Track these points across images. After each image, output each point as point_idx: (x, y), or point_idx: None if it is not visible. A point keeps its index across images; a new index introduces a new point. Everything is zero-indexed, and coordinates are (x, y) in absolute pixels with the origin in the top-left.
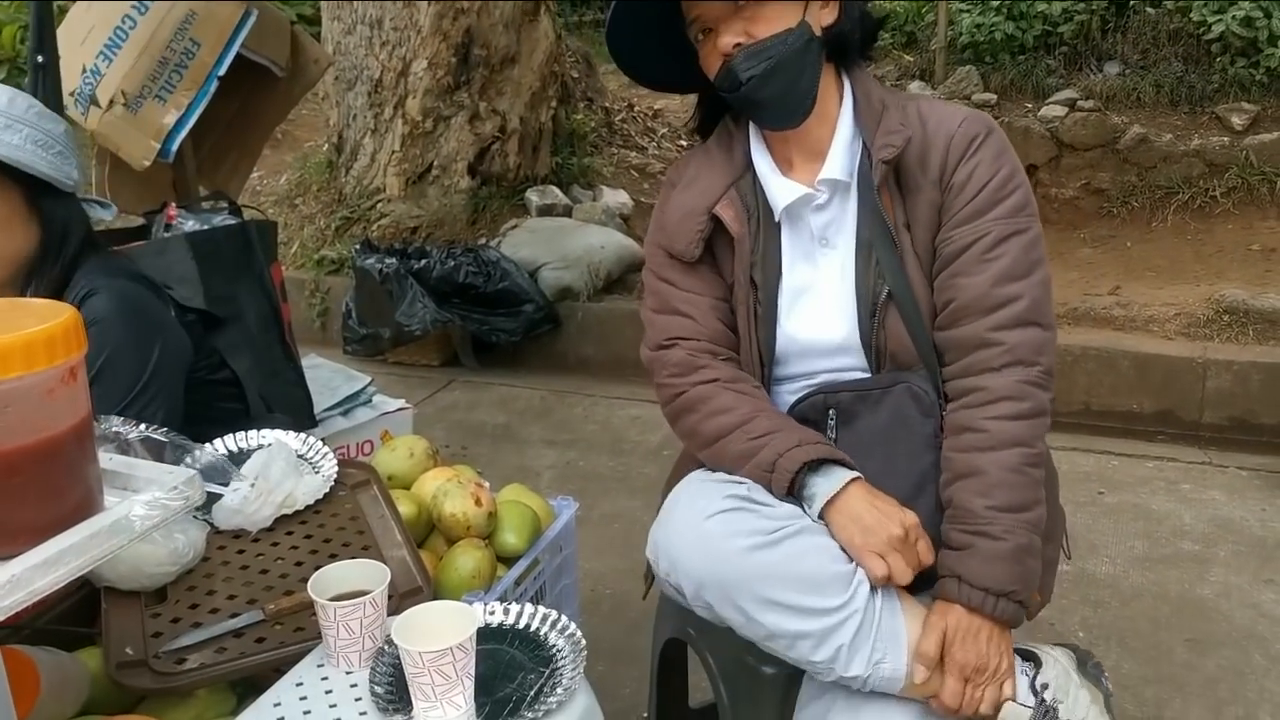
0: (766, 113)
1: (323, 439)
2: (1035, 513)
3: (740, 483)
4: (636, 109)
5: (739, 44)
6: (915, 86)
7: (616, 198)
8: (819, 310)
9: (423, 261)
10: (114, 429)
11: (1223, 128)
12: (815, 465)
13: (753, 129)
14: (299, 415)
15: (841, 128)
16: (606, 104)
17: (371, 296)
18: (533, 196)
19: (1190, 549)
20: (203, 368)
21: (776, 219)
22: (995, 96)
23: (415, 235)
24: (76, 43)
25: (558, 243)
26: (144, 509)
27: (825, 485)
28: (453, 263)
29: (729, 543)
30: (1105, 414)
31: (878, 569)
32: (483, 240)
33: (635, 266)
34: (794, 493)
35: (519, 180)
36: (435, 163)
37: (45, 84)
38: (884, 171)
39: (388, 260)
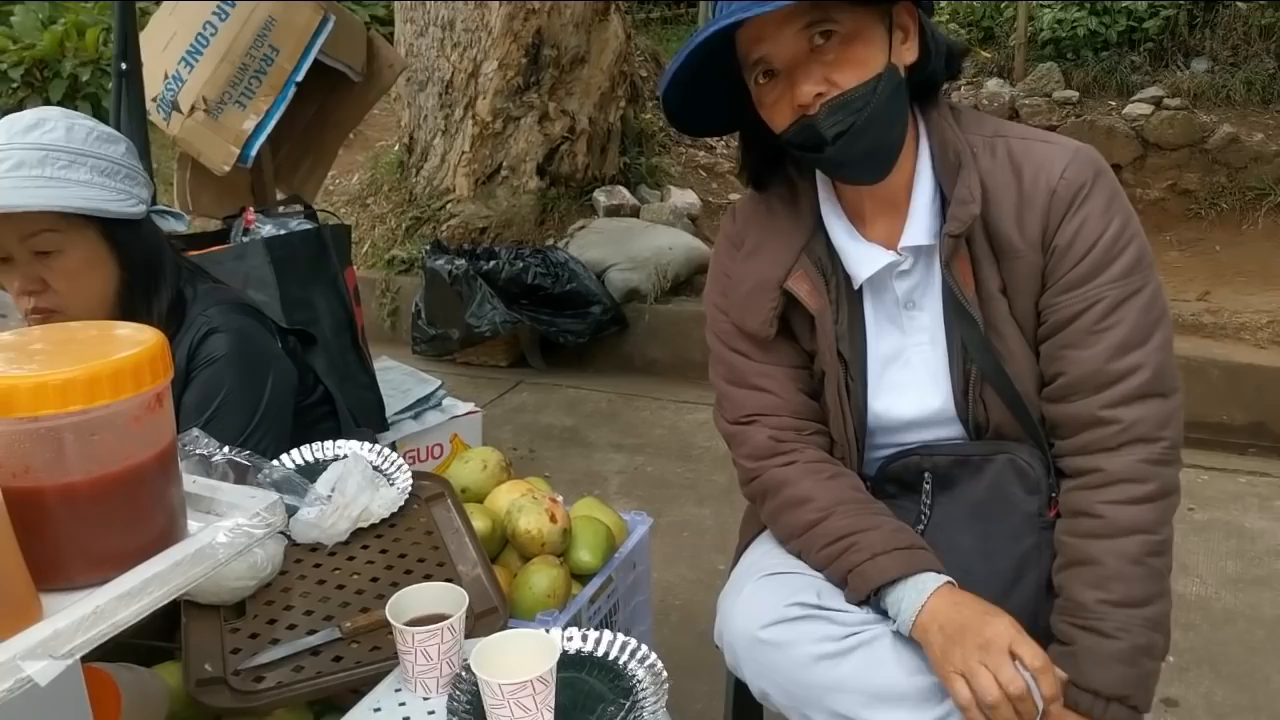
0: (849, 170)
1: (394, 442)
2: (1156, 607)
3: (813, 576)
4: None
5: (820, 94)
6: (994, 84)
7: (685, 198)
8: (912, 383)
9: (491, 263)
10: (197, 451)
11: None
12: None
13: (820, 178)
14: (371, 419)
15: (921, 181)
16: None
17: (441, 297)
18: (600, 197)
19: None
20: (303, 392)
21: (857, 286)
22: (1077, 94)
23: (484, 235)
24: (159, 49)
25: (625, 244)
26: (227, 536)
27: (912, 598)
28: (521, 264)
29: (791, 652)
30: (1194, 425)
31: (961, 693)
32: (550, 241)
33: (703, 268)
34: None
35: (587, 180)
36: (504, 163)
37: (129, 91)
38: (952, 246)
39: (457, 261)
